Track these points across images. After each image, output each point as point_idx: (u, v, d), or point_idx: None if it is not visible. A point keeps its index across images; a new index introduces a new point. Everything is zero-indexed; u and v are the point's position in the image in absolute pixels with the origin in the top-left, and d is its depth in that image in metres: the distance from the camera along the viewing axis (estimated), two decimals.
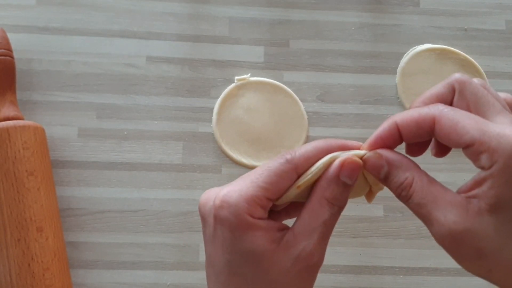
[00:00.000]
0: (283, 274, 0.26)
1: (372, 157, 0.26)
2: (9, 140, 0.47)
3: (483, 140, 0.23)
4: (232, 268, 0.26)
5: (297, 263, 0.26)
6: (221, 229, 0.26)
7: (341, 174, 0.26)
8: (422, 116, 0.25)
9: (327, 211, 0.26)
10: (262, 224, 0.26)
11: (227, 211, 0.25)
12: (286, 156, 0.26)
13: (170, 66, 0.57)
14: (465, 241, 0.23)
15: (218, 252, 0.27)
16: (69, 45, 0.57)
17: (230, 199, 0.25)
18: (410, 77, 0.59)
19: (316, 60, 0.59)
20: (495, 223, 0.23)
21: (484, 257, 0.23)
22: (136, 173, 0.54)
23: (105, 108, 0.55)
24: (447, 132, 0.24)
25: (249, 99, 0.56)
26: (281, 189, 0.26)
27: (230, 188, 0.26)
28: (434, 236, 0.24)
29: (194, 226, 0.53)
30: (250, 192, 0.25)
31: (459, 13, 0.61)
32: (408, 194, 0.25)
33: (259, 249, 0.25)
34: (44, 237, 0.47)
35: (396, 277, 0.53)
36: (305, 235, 0.26)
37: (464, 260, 0.24)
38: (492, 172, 0.23)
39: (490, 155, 0.23)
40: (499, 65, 0.60)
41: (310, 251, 0.26)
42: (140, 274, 0.51)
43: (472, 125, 0.23)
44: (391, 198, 0.54)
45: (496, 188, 0.23)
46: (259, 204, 0.26)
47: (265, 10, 0.60)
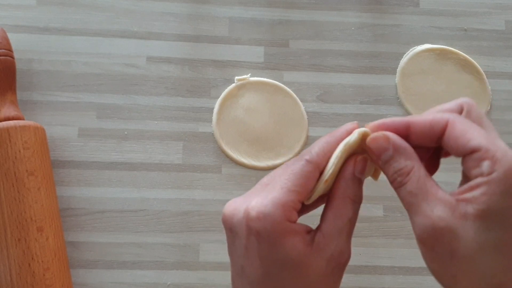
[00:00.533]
0: (318, 275, 0.26)
1: (379, 138, 0.26)
2: (10, 140, 0.47)
3: (490, 148, 0.24)
4: (271, 277, 0.27)
5: (330, 263, 0.27)
6: (257, 240, 0.26)
7: (356, 171, 0.27)
8: (436, 118, 0.26)
9: (351, 209, 0.27)
10: (298, 228, 0.27)
11: (264, 222, 0.26)
12: (305, 157, 0.27)
13: (170, 66, 0.57)
14: (443, 239, 0.24)
15: (254, 263, 0.27)
16: (69, 45, 0.57)
17: (266, 209, 0.26)
18: (410, 77, 0.59)
19: (316, 60, 0.59)
20: (476, 230, 0.23)
21: (455, 260, 0.24)
22: (136, 173, 0.54)
23: (105, 108, 0.55)
24: (457, 135, 0.25)
25: (249, 99, 0.57)
26: (309, 189, 0.27)
27: (261, 198, 0.26)
28: (416, 227, 0.25)
29: (194, 226, 0.53)
30: (285, 199, 0.26)
31: (459, 13, 0.61)
32: (403, 181, 0.25)
33: (298, 254, 0.26)
34: (44, 237, 0.47)
35: (396, 276, 0.53)
36: (334, 235, 0.27)
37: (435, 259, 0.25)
38: (490, 179, 0.23)
39: (493, 163, 0.23)
40: (499, 65, 0.60)
41: (341, 249, 0.27)
42: (140, 274, 0.51)
43: (481, 134, 0.24)
44: (391, 198, 0.55)
45: (489, 195, 0.23)
46: (294, 208, 0.26)
47: (265, 10, 0.60)
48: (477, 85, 0.59)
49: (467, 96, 0.58)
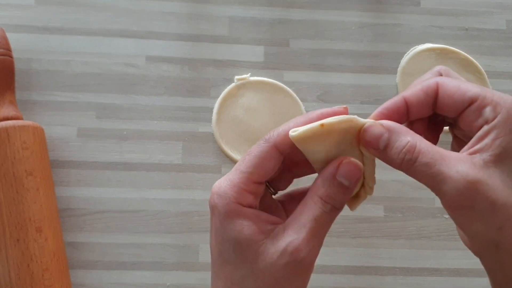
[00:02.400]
0: (269, 266, 0.26)
1: (371, 126, 0.26)
2: (8, 140, 0.47)
3: (486, 94, 0.24)
4: (223, 257, 0.27)
5: (283, 256, 0.25)
6: (213, 218, 0.27)
7: (338, 174, 0.26)
8: (426, 84, 0.26)
9: (319, 208, 0.26)
10: (250, 213, 0.26)
11: (217, 201, 0.26)
12: (265, 137, 0.27)
13: (170, 66, 0.57)
14: (480, 193, 0.23)
15: (213, 242, 0.27)
16: (68, 45, 0.56)
17: (220, 190, 0.26)
18: (411, 77, 0.58)
19: (317, 60, 0.59)
20: (500, 174, 0.23)
21: (497, 211, 0.23)
22: (136, 173, 0.54)
23: (105, 108, 0.55)
24: (451, 93, 0.25)
25: (249, 99, 0.56)
26: (266, 170, 0.27)
27: (222, 178, 0.27)
28: (448, 195, 0.23)
29: (194, 226, 0.53)
30: (236, 180, 0.26)
31: (460, 13, 0.61)
32: (414, 157, 0.24)
33: (245, 239, 0.26)
34: (43, 237, 0.47)
35: (397, 277, 0.53)
36: (294, 229, 0.26)
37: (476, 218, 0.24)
38: (496, 123, 0.23)
39: (494, 107, 0.23)
40: (499, 65, 0.60)
41: (298, 245, 0.25)
42: (140, 274, 0.51)
43: (473, 85, 0.25)
44: (391, 198, 0.54)
45: (501, 138, 0.23)
46: (246, 190, 0.26)
47: (265, 10, 0.60)
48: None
49: None
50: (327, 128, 0.25)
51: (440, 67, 0.28)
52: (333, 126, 0.25)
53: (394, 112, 0.27)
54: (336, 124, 0.25)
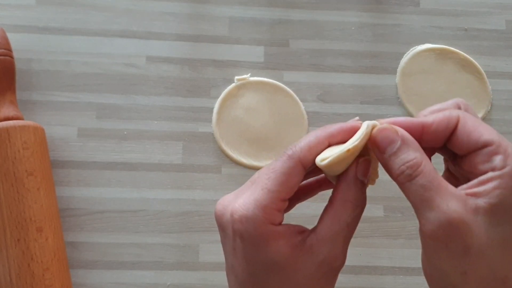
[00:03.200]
0: (307, 279, 0.26)
1: (388, 129, 0.25)
2: (9, 140, 0.47)
3: (502, 143, 0.24)
4: (257, 278, 0.26)
5: (322, 267, 0.26)
6: (241, 242, 0.26)
7: (358, 174, 0.26)
8: (447, 116, 0.26)
9: (351, 213, 0.26)
10: (282, 231, 0.26)
11: (246, 225, 0.25)
12: (288, 152, 0.26)
13: (170, 66, 0.57)
14: (459, 233, 0.23)
15: (241, 264, 0.26)
16: (69, 45, 0.57)
17: (247, 212, 0.25)
18: (410, 77, 0.59)
19: (316, 60, 0.59)
20: (487, 224, 0.23)
21: (468, 256, 0.23)
22: (136, 173, 0.54)
23: (105, 108, 0.55)
24: (469, 131, 0.25)
25: (249, 99, 0.56)
26: (292, 186, 0.26)
27: (244, 200, 0.26)
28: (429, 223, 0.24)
29: (194, 226, 0.53)
30: (265, 201, 0.25)
31: (459, 13, 0.61)
32: (414, 174, 0.24)
33: (282, 258, 0.25)
34: (43, 237, 0.47)
35: (396, 277, 0.53)
36: (329, 239, 0.26)
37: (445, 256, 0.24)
38: (502, 173, 0.23)
39: (505, 157, 0.23)
40: (499, 65, 0.60)
41: (335, 254, 0.26)
42: (140, 274, 0.51)
43: (492, 130, 0.25)
44: (391, 198, 0.54)
45: (502, 189, 0.23)
46: (276, 209, 0.25)
47: (265, 10, 0.60)
48: (477, 85, 0.59)
49: (468, 96, 0.58)
50: (352, 151, 0.26)
51: (459, 100, 0.27)
52: (357, 148, 0.26)
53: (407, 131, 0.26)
54: (360, 145, 0.26)
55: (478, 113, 0.58)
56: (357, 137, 0.26)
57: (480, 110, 0.58)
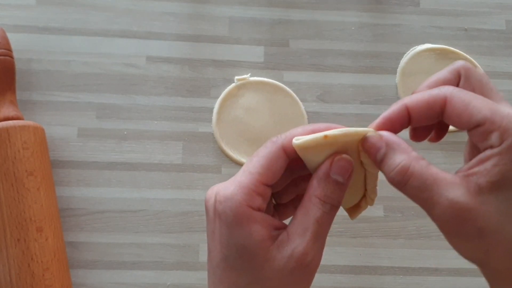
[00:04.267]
0: (276, 272, 0.25)
1: (372, 137, 0.26)
2: (9, 140, 0.47)
3: (495, 119, 0.23)
4: (228, 262, 0.26)
5: (290, 262, 0.25)
6: (219, 223, 0.26)
7: (331, 171, 0.26)
8: (433, 97, 0.25)
9: (319, 209, 0.26)
10: (259, 217, 0.26)
11: (225, 205, 0.25)
12: (273, 139, 0.27)
13: (170, 66, 0.57)
14: (467, 220, 0.23)
15: (217, 247, 0.27)
16: (69, 45, 0.57)
17: (227, 192, 0.26)
18: (410, 77, 0.59)
19: (316, 60, 0.59)
20: (495, 202, 0.23)
21: (484, 237, 0.23)
22: (136, 173, 0.54)
23: (105, 108, 0.55)
24: (458, 112, 0.24)
25: (249, 99, 0.56)
26: (274, 171, 0.26)
27: (228, 182, 0.26)
28: (436, 218, 0.24)
29: (194, 226, 0.53)
30: (245, 181, 0.26)
31: (459, 13, 0.61)
32: (405, 179, 0.24)
33: (254, 245, 0.25)
34: (43, 237, 0.47)
35: (396, 277, 0.53)
36: (298, 234, 0.26)
37: (463, 240, 0.24)
38: (501, 149, 0.23)
39: (501, 133, 0.23)
40: (499, 65, 0.60)
41: (304, 249, 0.25)
42: (140, 274, 0.51)
43: (484, 105, 0.24)
44: (391, 198, 0.54)
45: (501, 165, 0.23)
46: (256, 191, 0.26)
47: (265, 10, 0.60)
48: None
49: None
50: (330, 140, 0.25)
51: (461, 63, 0.27)
52: (336, 139, 0.25)
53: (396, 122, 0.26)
54: (339, 137, 0.26)
55: None
56: (340, 131, 0.25)
57: None
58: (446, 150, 0.56)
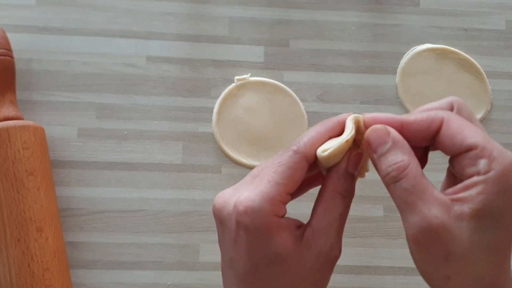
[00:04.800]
0: (307, 271, 0.26)
1: (380, 129, 0.26)
2: (9, 140, 0.47)
3: (487, 146, 0.23)
4: (259, 271, 0.27)
5: (319, 259, 0.26)
6: (245, 234, 0.26)
7: (349, 167, 0.27)
8: (431, 116, 0.26)
9: (341, 204, 0.27)
10: (286, 224, 0.26)
11: (252, 216, 0.25)
12: (292, 148, 0.27)
13: (170, 66, 0.57)
14: (439, 240, 0.23)
15: (243, 257, 0.27)
16: (69, 45, 0.57)
17: (254, 204, 0.25)
18: (410, 77, 0.59)
19: (316, 60, 0.59)
20: (471, 229, 0.23)
21: (450, 262, 0.23)
22: (136, 173, 0.54)
23: (105, 108, 0.55)
24: (453, 134, 0.24)
25: (249, 99, 0.56)
26: (297, 180, 0.27)
27: (249, 192, 0.26)
28: (410, 227, 0.24)
29: (194, 226, 0.53)
30: (271, 193, 0.26)
31: (459, 13, 0.61)
32: (399, 176, 0.25)
33: (286, 250, 0.26)
34: (44, 237, 0.47)
35: (396, 277, 0.53)
36: (323, 231, 0.26)
37: (428, 261, 0.24)
38: (487, 178, 0.23)
39: (490, 161, 0.23)
40: (499, 65, 0.60)
41: (331, 245, 0.26)
42: (140, 274, 0.51)
43: (478, 132, 0.24)
44: (391, 198, 0.54)
45: (486, 194, 0.23)
46: (282, 201, 0.26)
47: (265, 10, 0.60)
48: (477, 85, 0.59)
49: (468, 96, 0.58)
50: (350, 141, 0.26)
51: (454, 99, 0.27)
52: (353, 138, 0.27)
53: None
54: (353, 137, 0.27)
55: (478, 113, 0.58)
56: (350, 129, 0.26)
57: (480, 110, 0.58)
58: None
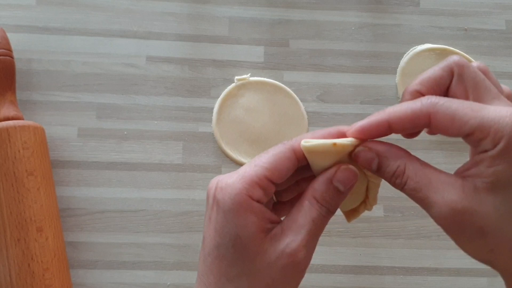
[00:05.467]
0: (267, 266, 0.26)
1: (362, 151, 0.26)
2: (9, 140, 0.47)
3: (483, 126, 0.23)
4: (220, 251, 0.26)
5: (281, 257, 0.26)
6: (217, 210, 0.26)
7: (334, 179, 0.26)
8: (416, 114, 0.25)
9: (315, 210, 0.26)
10: (257, 208, 0.26)
11: (225, 192, 0.26)
12: (284, 141, 0.27)
13: (170, 66, 0.57)
14: (466, 220, 0.23)
15: (211, 234, 0.27)
16: (69, 45, 0.57)
17: (229, 180, 0.26)
18: (410, 77, 0.59)
19: (316, 60, 0.59)
20: (494, 202, 0.23)
21: (486, 236, 0.23)
22: (136, 173, 0.54)
23: (105, 108, 0.55)
24: (445, 126, 0.24)
25: (249, 99, 0.56)
26: (281, 169, 0.26)
27: (232, 172, 0.27)
28: (435, 218, 0.24)
29: (194, 226, 0.53)
30: (249, 173, 0.26)
31: (459, 13, 0.61)
32: (403, 181, 0.25)
33: (247, 235, 0.25)
34: (44, 237, 0.47)
35: (396, 277, 0.53)
36: (292, 231, 0.26)
37: (466, 240, 0.24)
38: (494, 153, 0.23)
39: (492, 138, 0.23)
40: (499, 65, 0.60)
41: (296, 247, 0.26)
42: (140, 274, 0.51)
43: (469, 114, 0.23)
44: (391, 198, 0.54)
45: (496, 166, 0.23)
46: (258, 183, 0.26)
47: (265, 10, 0.60)
48: None
49: None
50: (338, 148, 0.26)
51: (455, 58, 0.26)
52: (344, 148, 0.26)
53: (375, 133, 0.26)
54: (347, 147, 0.26)
55: None
56: (349, 140, 0.26)
57: None
58: (446, 150, 0.56)
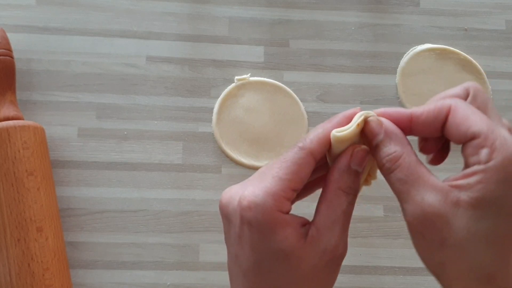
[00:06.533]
0: (311, 269, 0.26)
1: (374, 121, 0.26)
2: (9, 140, 0.47)
3: (490, 136, 0.23)
4: (262, 267, 0.26)
5: (324, 256, 0.26)
6: (249, 229, 0.26)
7: (352, 163, 0.27)
8: (439, 105, 0.26)
9: (344, 201, 0.27)
10: (290, 220, 0.26)
11: (255, 211, 0.25)
12: (298, 144, 0.27)
13: (170, 66, 0.57)
14: (433, 226, 0.23)
15: (246, 252, 0.27)
16: (69, 45, 0.57)
17: (257, 199, 0.25)
18: (410, 77, 0.59)
19: (316, 60, 0.59)
20: (468, 218, 0.23)
21: (444, 248, 0.23)
22: (136, 173, 0.54)
23: (105, 108, 0.55)
24: (458, 122, 0.25)
25: (249, 99, 0.56)
26: (302, 177, 0.26)
27: (253, 188, 0.26)
28: (406, 214, 0.25)
29: (194, 226, 0.53)
30: (275, 188, 0.26)
31: (459, 13, 0.61)
32: (392, 167, 0.25)
33: (289, 247, 0.26)
34: (44, 237, 0.47)
35: (396, 277, 0.53)
36: (327, 228, 0.26)
37: (424, 246, 0.25)
38: (487, 167, 0.23)
39: (491, 151, 0.23)
40: (499, 65, 0.60)
41: (335, 243, 0.26)
42: (140, 274, 0.51)
43: (484, 121, 0.24)
44: (391, 198, 0.54)
45: (485, 183, 0.23)
46: (286, 197, 0.26)
47: (265, 10, 0.60)
48: None
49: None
50: (360, 126, 0.27)
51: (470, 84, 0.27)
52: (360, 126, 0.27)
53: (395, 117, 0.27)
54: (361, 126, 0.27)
55: None
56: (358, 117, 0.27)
57: None
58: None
